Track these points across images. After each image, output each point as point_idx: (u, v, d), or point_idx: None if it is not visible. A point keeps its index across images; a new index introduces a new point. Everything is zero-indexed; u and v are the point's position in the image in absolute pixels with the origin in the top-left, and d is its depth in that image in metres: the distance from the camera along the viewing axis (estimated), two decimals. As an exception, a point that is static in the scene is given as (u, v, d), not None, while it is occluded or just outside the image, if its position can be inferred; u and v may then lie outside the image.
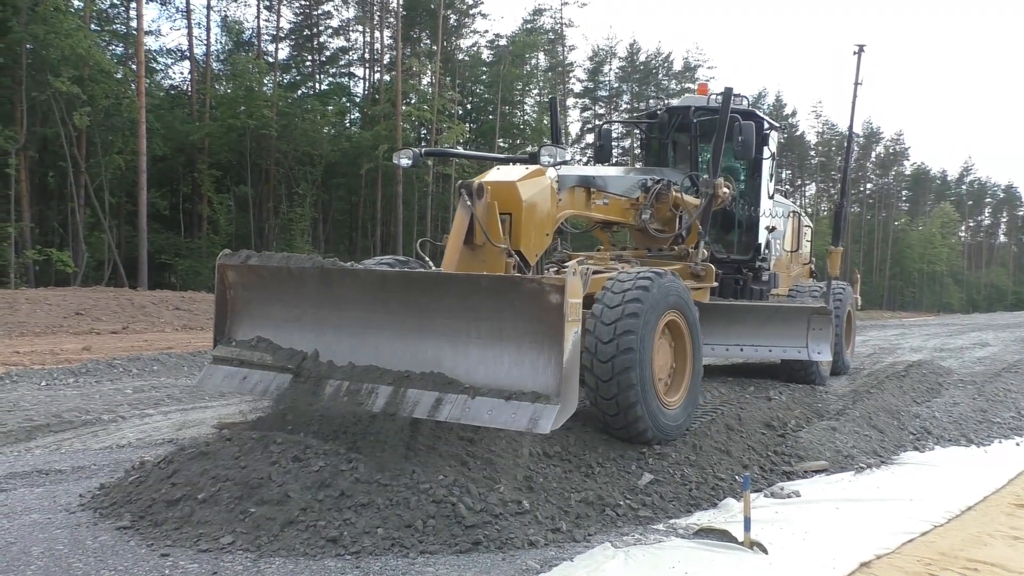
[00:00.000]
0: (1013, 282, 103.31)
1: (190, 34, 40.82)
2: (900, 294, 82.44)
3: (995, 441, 7.38)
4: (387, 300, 5.31)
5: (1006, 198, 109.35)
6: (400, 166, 7.41)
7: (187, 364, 11.73)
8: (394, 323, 5.27)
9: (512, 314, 4.80)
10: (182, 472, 4.65)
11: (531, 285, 4.74)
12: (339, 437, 5.13)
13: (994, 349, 17.34)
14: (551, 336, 4.61)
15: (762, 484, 5.60)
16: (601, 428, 6.00)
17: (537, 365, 4.69)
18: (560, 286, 4.56)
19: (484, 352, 4.91)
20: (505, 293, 4.87)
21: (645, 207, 8.44)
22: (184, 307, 22.47)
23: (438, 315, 5.09)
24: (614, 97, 68.52)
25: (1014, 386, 10.20)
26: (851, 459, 6.30)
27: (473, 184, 6.02)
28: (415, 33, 49.19)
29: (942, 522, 4.85)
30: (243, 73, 38.02)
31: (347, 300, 5.47)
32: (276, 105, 38.08)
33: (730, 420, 6.67)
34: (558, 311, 4.54)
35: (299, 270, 5.56)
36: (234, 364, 5.71)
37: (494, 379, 4.79)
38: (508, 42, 51.75)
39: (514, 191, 6.24)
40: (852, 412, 7.62)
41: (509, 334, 4.83)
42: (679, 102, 11.11)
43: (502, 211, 6.17)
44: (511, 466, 4.90)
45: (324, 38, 49.62)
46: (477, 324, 4.95)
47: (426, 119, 42.50)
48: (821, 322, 9.22)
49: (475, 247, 6.02)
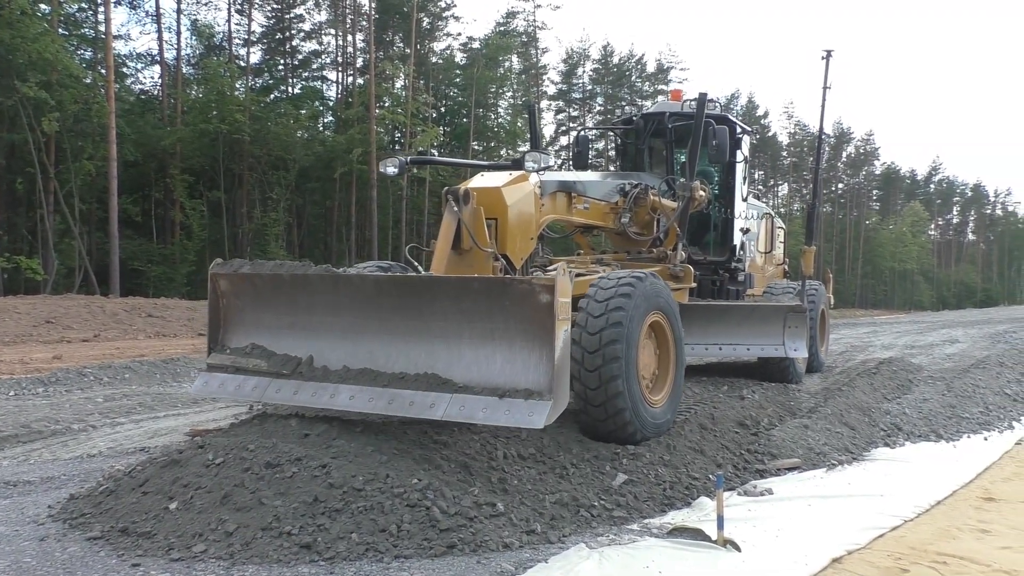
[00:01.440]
0: (981, 279, 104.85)
1: (160, 38, 40.47)
2: (872, 292, 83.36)
3: (964, 436, 7.48)
4: (380, 304, 5.44)
5: (974, 197, 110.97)
6: (387, 174, 7.52)
7: (159, 372, 11.62)
8: (387, 327, 5.38)
9: (503, 315, 4.93)
10: (153, 481, 4.61)
11: (522, 286, 4.87)
12: (313, 442, 5.12)
13: (963, 346, 17.57)
14: (542, 335, 4.75)
15: (735, 483, 5.64)
16: (589, 430, 6.09)
17: (529, 363, 4.83)
18: (550, 286, 4.70)
19: (477, 352, 5.03)
20: (496, 294, 4.99)
21: (624, 211, 8.60)
22: (157, 314, 22.26)
23: (431, 318, 5.21)
24: (588, 99, 68.77)
25: (982, 382, 10.33)
26: (823, 456, 6.36)
27: (459, 190, 6.16)
28: (388, 36, 49.09)
29: (912, 517, 4.90)
30: (215, 77, 37.73)
31: (340, 306, 5.57)
32: (249, 109, 37.84)
33: (704, 420, 6.71)
34: (548, 310, 4.70)
35: (292, 277, 5.67)
36: (229, 371, 5.79)
37: (487, 378, 4.92)
38: (481, 45, 51.80)
39: (499, 196, 6.38)
40: (824, 410, 7.69)
41: (501, 334, 4.96)
42: (654, 108, 11.30)
43: (488, 216, 6.30)
44: (485, 468, 4.90)
45: (296, 42, 49.44)
46: (470, 325, 5.07)
47: (400, 122, 42.41)
48: (797, 320, 9.42)
49: (462, 252, 6.17)
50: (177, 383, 11.10)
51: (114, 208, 29.44)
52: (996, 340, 18.68)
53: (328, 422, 5.50)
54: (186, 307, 25.09)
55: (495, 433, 5.40)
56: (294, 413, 5.41)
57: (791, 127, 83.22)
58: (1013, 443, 7.33)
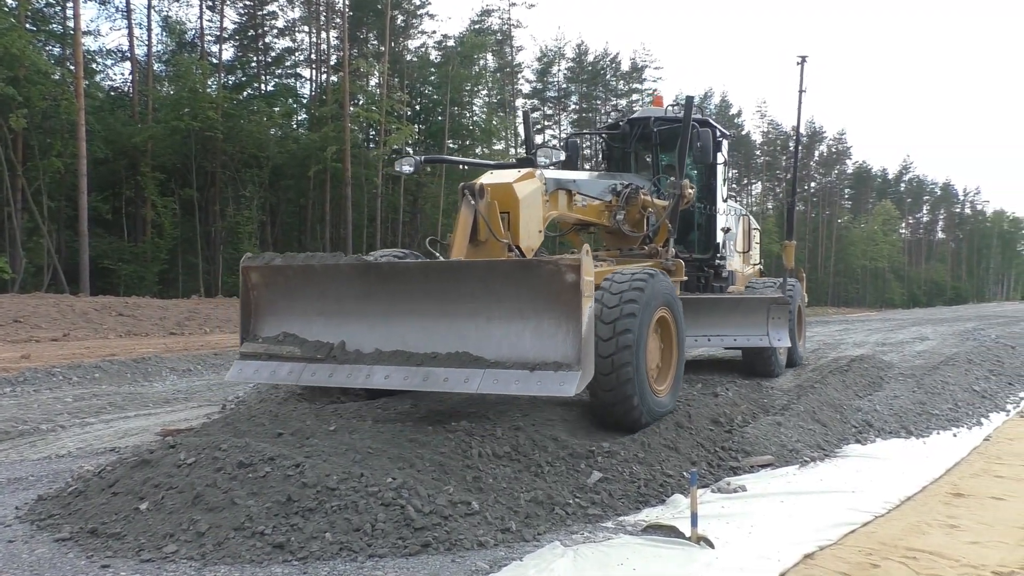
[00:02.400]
0: (951, 277, 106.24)
1: (131, 34, 40.05)
2: (844, 290, 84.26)
3: (934, 433, 7.57)
4: (411, 290, 5.79)
5: (943, 196, 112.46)
6: (403, 173, 7.89)
7: (130, 371, 11.51)
8: (418, 311, 5.76)
9: (531, 294, 5.34)
10: (124, 481, 4.56)
11: (549, 267, 5.27)
12: (287, 441, 5.09)
13: (933, 343, 17.79)
14: (569, 311, 5.17)
15: (709, 480, 5.67)
16: (597, 415, 6.49)
17: (557, 338, 5.24)
18: (576, 266, 5.13)
19: (506, 330, 5.43)
20: (524, 276, 5.43)
21: (619, 209, 9.07)
22: (128, 313, 22.00)
23: (460, 300, 5.60)
24: (563, 98, 68.90)
25: (951, 379, 10.46)
26: (796, 453, 6.41)
27: (475, 185, 6.59)
28: (362, 34, 48.87)
29: (882, 513, 4.95)
30: (186, 74, 37.39)
31: (371, 293, 5.93)
32: (221, 107, 37.53)
33: (679, 417, 6.74)
34: (575, 288, 5.12)
35: (323, 267, 6.03)
36: (263, 358, 6.09)
37: (518, 354, 5.31)
38: (456, 43, 51.68)
39: (511, 191, 6.78)
40: (797, 407, 7.74)
41: (529, 313, 5.36)
42: (639, 114, 11.79)
43: (501, 210, 6.72)
44: (460, 467, 4.89)
45: (269, 39, 49.07)
46: (499, 305, 5.46)
47: (374, 120, 42.26)
48: (779, 311, 9.92)
49: (478, 243, 6.57)
50: (148, 382, 10.99)
51: (83, 206, 29.08)
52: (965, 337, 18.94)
53: (302, 421, 5.48)
54: (158, 306, 24.84)
55: (470, 432, 5.40)
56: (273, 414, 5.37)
57: (764, 126, 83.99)
58: (981, 439, 7.43)
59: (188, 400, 9.40)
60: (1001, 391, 10.36)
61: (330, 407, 6.90)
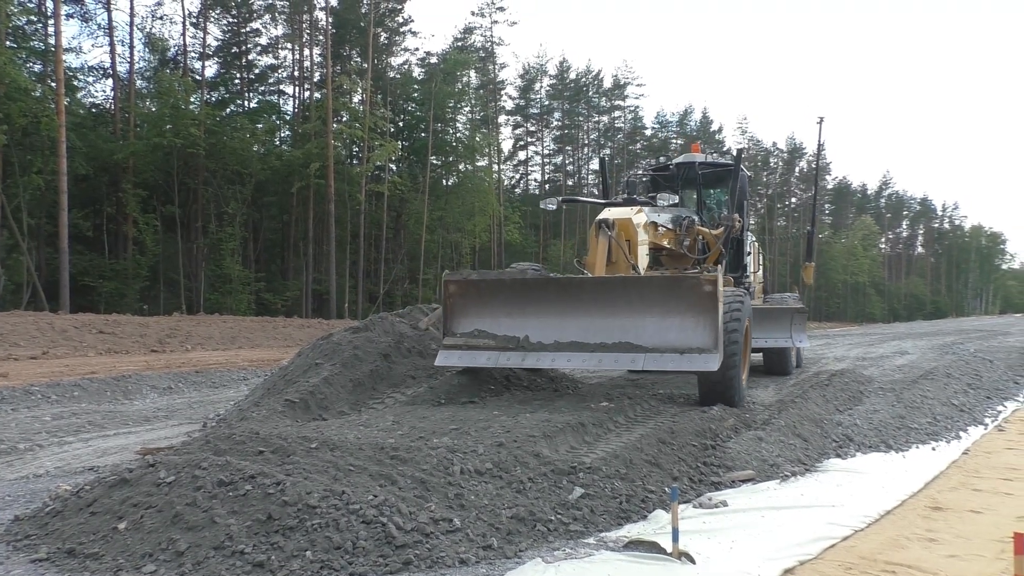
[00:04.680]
0: (931, 291, 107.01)
1: (113, 51, 39.84)
2: (825, 305, 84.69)
3: (913, 447, 7.62)
4: (582, 298, 8.03)
5: (922, 211, 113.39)
6: (548, 210, 10.75)
7: (110, 389, 11.41)
8: (588, 313, 7.94)
9: (677, 300, 7.61)
10: (102, 501, 4.52)
11: (693, 281, 7.67)
12: (268, 459, 5.06)
13: (912, 357, 17.91)
14: (709, 311, 7.49)
15: (691, 495, 5.68)
16: (707, 394, 8.40)
17: (698, 331, 7.51)
18: (714, 280, 7.50)
19: (658, 326, 7.66)
20: (674, 287, 7.78)
21: (684, 236, 11.26)
22: (108, 330, 21.81)
23: (621, 304, 7.82)
24: (545, 115, 69.19)
25: (930, 393, 10.54)
26: (777, 468, 6.43)
27: (609, 220, 8.95)
28: (345, 51, 48.91)
29: (862, 527, 4.98)
30: (169, 91, 37.26)
31: (549, 300, 8.13)
32: (204, 123, 37.39)
33: (662, 433, 6.75)
34: (713, 296, 7.49)
35: (511, 281, 8.46)
36: (463, 348, 8.23)
37: (667, 343, 7.58)
38: (439, 60, 51.86)
39: (631, 224, 9.19)
40: (778, 421, 7.78)
41: (675, 314, 7.60)
42: (683, 158, 14.16)
43: (625, 238, 9.09)
44: (442, 484, 4.88)
45: (253, 56, 48.94)
46: (651, 308, 7.69)
47: (357, 137, 42.23)
48: (800, 319, 12.63)
49: (610, 262, 8.82)
50: (128, 400, 10.90)
51: (64, 223, 28.86)
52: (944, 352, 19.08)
53: (283, 439, 5.45)
54: (139, 323, 24.65)
55: (452, 448, 5.39)
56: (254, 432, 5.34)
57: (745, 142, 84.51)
58: (960, 453, 7.50)
59: (168, 418, 9.32)
60: (979, 405, 10.45)
61: (312, 424, 6.88)
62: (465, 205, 48.43)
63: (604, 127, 72.54)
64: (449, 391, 8.47)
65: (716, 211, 13.61)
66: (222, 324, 27.74)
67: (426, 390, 8.55)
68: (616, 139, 72.38)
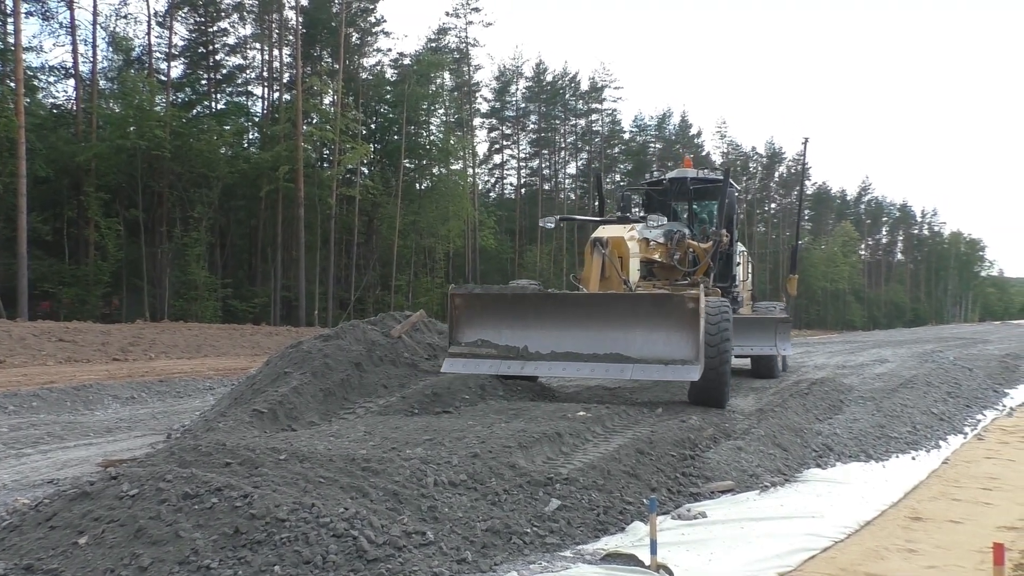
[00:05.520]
0: (910, 299, 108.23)
1: (75, 50, 39.44)
2: (805, 312, 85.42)
3: (893, 456, 7.71)
4: (576, 312, 8.98)
5: (901, 216, 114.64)
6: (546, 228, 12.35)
7: (70, 399, 11.27)
8: (582, 326, 8.85)
9: (663, 316, 8.59)
10: (62, 515, 4.46)
11: (678, 298, 8.70)
12: (235, 471, 5.02)
13: (892, 365, 18.08)
14: (692, 326, 8.39)
15: (670, 506, 5.71)
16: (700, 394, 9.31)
17: (682, 343, 8.44)
18: (697, 298, 8.45)
19: (646, 339, 8.60)
20: (661, 304, 8.77)
21: (675, 250, 12.24)
22: (68, 338, 21.54)
23: (612, 319, 8.77)
24: (521, 117, 69.31)
25: (910, 401, 10.66)
26: (756, 478, 6.48)
27: (603, 238, 9.93)
28: (316, 51, 48.77)
29: (842, 538, 5.03)
30: (133, 91, 36.95)
31: (546, 314, 9.07)
32: (169, 125, 37.12)
33: (640, 444, 6.77)
34: (695, 312, 8.38)
35: (512, 296, 9.42)
36: (467, 356, 9.11)
37: (654, 354, 8.52)
38: (412, 61, 51.83)
39: (624, 243, 10.16)
40: (758, 431, 7.84)
41: (662, 327, 8.55)
42: (676, 173, 14.88)
43: (617, 255, 10.04)
44: (415, 496, 4.87)
45: (220, 56, 48.69)
46: (640, 322, 8.65)
47: (328, 139, 42.10)
48: (783, 328, 13.42)
49: (603, 278, 9.82)
50: (89, 411, 10.77)
51: (23, 226, 28.52)
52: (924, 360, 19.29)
53: (251, 450, 5.41)
54: (100, 331, 24.36)
55: (425, 460, 5.38)
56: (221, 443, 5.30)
57: (724, 147, 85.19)
58: (940, 462, 7.59)
59: (131, 429, 9.22)
60: (959, 413, 10.59)
61: (280, 435, 6.84)
62: (439, 209, 48.40)
63: (581, 130, 72.81)
64: (422, 401, 8.46)
65: (708, 223, 14.29)
66: (187, 332, 27.50)
67: (398, 400, 8.53)
68: (594, 143, 72.66)
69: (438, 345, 10.37)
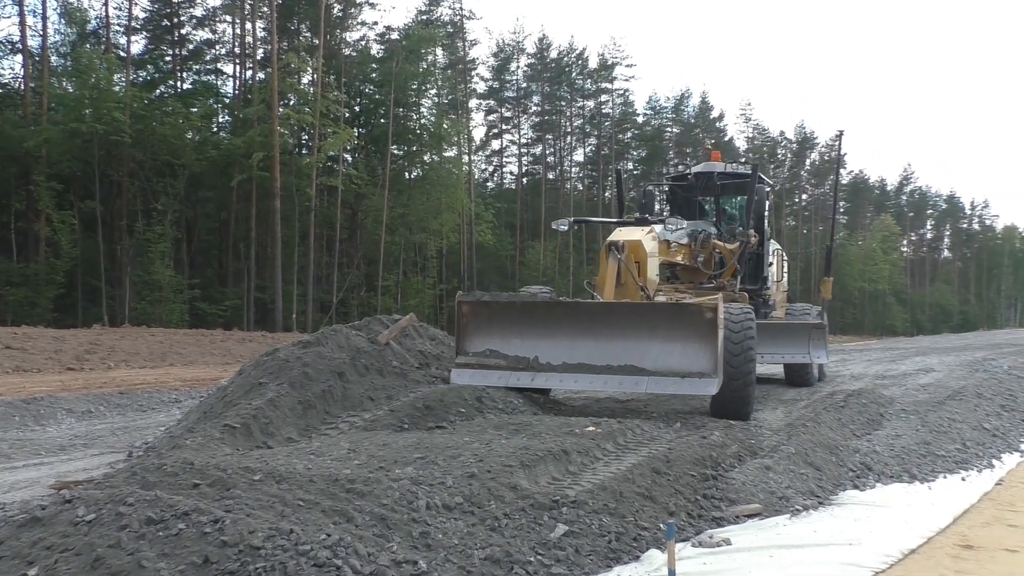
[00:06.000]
0: (959, 300, 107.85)
1: (23, 23, 39.41)
2: (840, 316, 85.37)
3: (940, 476, 7.70)
4: (589, 321, 9.39)
5: (949, 209, 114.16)
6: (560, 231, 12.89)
7: (19, 413, 11.28)
8: (595, 336, 9.30)
9: (681, 326, 8.96)
10: (9, 543, 4.46)
11: (694, 307, 9.09)
12: (204, 493, 5.03)
13: (939, 375, 18.10)
14: (710, 337, 8.77)
15: (689, 532, 5.70)
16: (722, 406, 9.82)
17: (699, 355, 8.79)
18: (714, 307, 8.81)
19: (661, 350, 8.97)
20: (677, 314, 9.19)
21: (699, 252, 12.76)
22: (17, 345, 21.55)
23: (627, 328, 9.17)
24: (523, 98, 69.32)
25: (959, 415, 10.66)
26: (786, 500, 6.48)
27: (619, 243, 10.22)
28: (293, 25, 48.80)
29: (883, 568, 5.02)
30: (89, 69, 36.94)
31: (558, 322, 9.51)
32: (129, 107, 37.10)
33: (657, 463, 6.78)
34: (713, 322, 8.77)
35: (522, 304, 9.93)
36: (475, 367, 9.52)
37: (669, 366, 8.87)
38: (401, 36, 51.83)
39: (641, 247, 10.49)
40: (787, 448, 7.84)
41: (679, 338, 8.91)
42: (703, 168, 15.33)
43: (635, 260, 10.38)
44: (405, 521, 4.87)
45: (187, 30, 48.73)
46: (656, 333, 9.03)
47: (307, 123, 42.11)
48: (818, 334, 14.07)
49: (620, 285, 10.15)
50: (40, 427, 10.78)
51: (-35, 221, 28.52)
52: (974, 369, 19.31)
53: (222, 470, 5.41)
54: (52, 336, 24.37)
55: (416, 480, 5.38)
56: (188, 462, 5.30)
57: (749, 131, 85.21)
58: (993, 483, 7.58)
59: (88, 447, 9.23)
60: (1014, 429, 10.59)
61: (255, 453, 6.84)
62: (431, 201, 48.42)
63: (590, 113, 72.86)
64: (413, 414, 8.46)
65: (737, 220, 14.85)
66: (150, 338, 27.52)
67: (386, 413, 8.53)
68: (603, 127, 72.71)
69: (430, 352, 10.38)
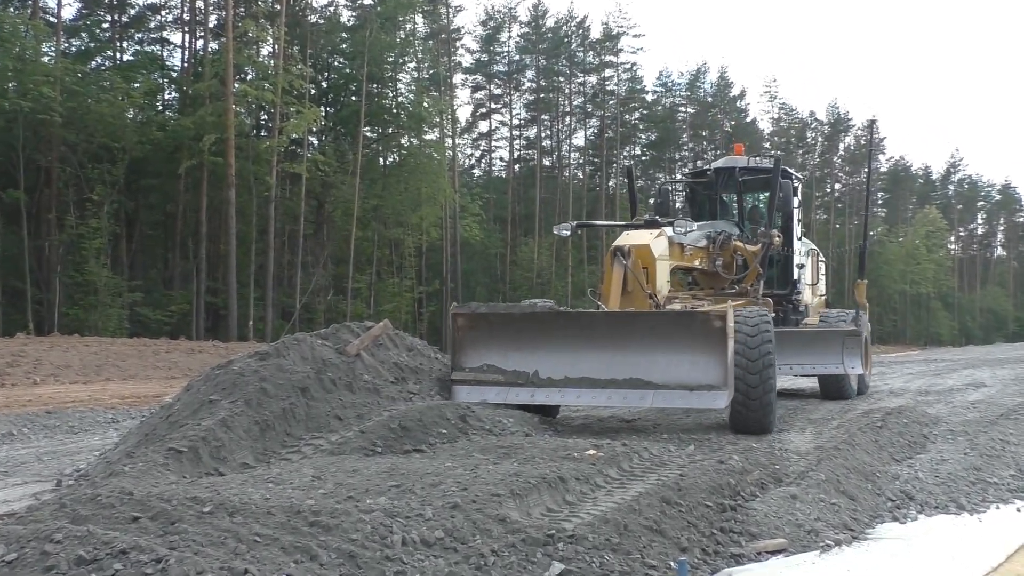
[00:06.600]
0: (1014, 306, 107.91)
1: (-63, -16, 39.38)
2: (879, 323, 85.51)
3: (991, 507, 7.69)
4: (592, 332, 9.98)
5: (1003, 201, 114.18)
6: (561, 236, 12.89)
7: (-67, 435, 11.21)
8: (598, 347, 9.80)
9: (689, 337, 9.55)
10: (-82, 585, 4.44)
11: (703, 317, 9.80)
12: (145, 528, 5.01)
13: (990, 391, 18.12)
14: (719, 348, 9.34)
15: (704, 571, 5.70)
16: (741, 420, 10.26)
17: (709, 367, 9.38)
18: (723, 315, 9.35)
19: (668, 362, 9.51)
20: (685, 323, 9.86)
21: (717, 255, 13.38)
22: (-71, 357, 21.49)
23: (633, 340, 9.74)
24: (514, 73, 69.32)
25: (1013, 436, 10.67)
26: (815, 535, 6.48)
27: (625, 247, 10.80)
28: (251, -13, 48.79)
29: (927, 611, 5.03)
30: (11, 37, 36.84)
31: (559, 334, 10.11)
32: (60, 81, 37.00)
33: (667, 491, 6.77)
34: (722, 332, 9.32)
35: (521, 315, 10.50)
36: (471, 384, 10.10)
37: (677, 379, 9.41)
38: (375, 1, 51.80)
39: (649, 251, 11.09)
40: (817, 475, 7.84)
41: (687, 349, 9.48)
42: (723, 163, 16.10)
43: (642, 266, 10.91)
44: (378, 559, 4.86)
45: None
46: (663, 344, 9.58)
47: (267, 101, 42.05)
48: (852, 343, 14.40)
49: (626, 292, 10.70)
50: (-43, 451, 10.72)
51: None
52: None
53: (166, 500, 5.39)
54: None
55: (390, 512, 5.37)
56: (127, 492, 5.28)
57: (774, 111, 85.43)
58: (1052, 514, 7.59)
59: (9, 475, 9.19)
60: (1076, 452, 10.60)
61: (204, 481, 6.82)
62: (409, 191, 48.44)
63: (592, 90, 72.93)
64: (386, 436, 8.45)
65: (764, 218, 15.17)
66: (84, 349, 27.45)
67: (356, 435, 8.51)
68: (607, 106, 72.74)
69: (407, 365, 10.37)
